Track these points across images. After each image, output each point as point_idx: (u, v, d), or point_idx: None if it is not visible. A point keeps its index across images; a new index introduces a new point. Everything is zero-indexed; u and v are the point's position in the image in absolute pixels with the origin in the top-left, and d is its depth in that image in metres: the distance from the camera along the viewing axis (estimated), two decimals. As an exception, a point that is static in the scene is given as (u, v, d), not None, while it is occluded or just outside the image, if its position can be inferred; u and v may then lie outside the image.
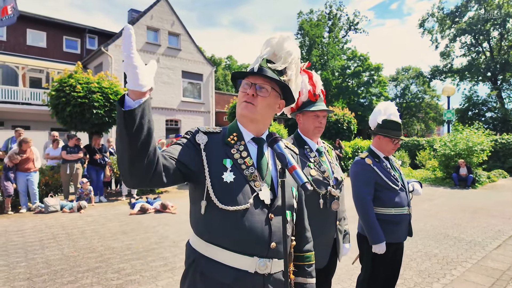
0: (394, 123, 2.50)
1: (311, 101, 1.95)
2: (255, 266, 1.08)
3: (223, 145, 1.17)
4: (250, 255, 1.09)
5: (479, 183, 11.40)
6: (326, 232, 1.83)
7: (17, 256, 4.34)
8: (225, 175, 1.11)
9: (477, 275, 3.75)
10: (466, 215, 6.86)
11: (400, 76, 43.25)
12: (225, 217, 1.08)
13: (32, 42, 20.89)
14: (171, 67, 20.48)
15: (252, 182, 1.13)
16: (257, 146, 1.22)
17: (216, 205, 1.08)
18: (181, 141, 1.17)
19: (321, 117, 1.96)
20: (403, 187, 2.55)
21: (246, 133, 1.22)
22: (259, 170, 1.17)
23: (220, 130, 1.22)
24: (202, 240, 1.13)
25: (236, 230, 1.08)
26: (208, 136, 1.18)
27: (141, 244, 4.87)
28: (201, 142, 1.15)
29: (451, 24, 31.68)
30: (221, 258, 1.09)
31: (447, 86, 14.81)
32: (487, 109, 30.58)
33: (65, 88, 8.17)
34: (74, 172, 7.96)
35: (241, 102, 1.20)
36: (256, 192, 1.12)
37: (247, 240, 1.08)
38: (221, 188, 1.10)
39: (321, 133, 1.96)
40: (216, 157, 1.14)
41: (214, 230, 1.10)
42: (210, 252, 1.10)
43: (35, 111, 17.32)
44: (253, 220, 1.09)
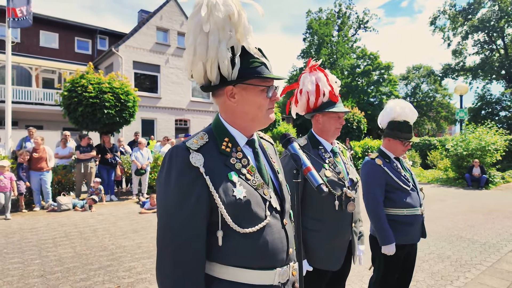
0: (403, 125, 2.45)
1: (332, 102, 1.92)
2: (278, 278, 1.05)
3: (219, 155, 1.04)
4: (272, 268, 1.04)
5: (492, 184, 11.16)
6: (341, 235, 1.81)
7: (31, 253, 4.43)
8: (236, 192, 1.00)
9: (492, 278, 3.67)
10: (479, 216, 6.72)
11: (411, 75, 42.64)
12: (246, 238, 1.01)
13: (45, 43, 21.30)
14: (181, 67, 20.60)
15: (260, 190, 1.05)
16: (252, 149, 1.13)
17: (236, 230, 0.99)
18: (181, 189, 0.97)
19: (341, 118, 1.94)
20: (414, 187, 2.51)
21: (240, 137, 1.10)
22: (261, 176, 1.09)
23: (207, 139, 1.05)
24: (219, 265, 1.02)
25: (259, 247, 1.02)
26: (201, 152, 1.00)
27: (151, 243, 4.91)
28: (199, 165, 0.97)
29: (464, 22, 31.07)
30: (245, 278, 1.01)
31: (460, 85, 14.53)
32: (501, 108, 29.89)
33: (77, 89, 8.31)
34: (89, 171, 8.09)
35: (266, 109, 1.09)
36: (268, 201, 1.06)
37: (270, 254, 1.03)
38: (235, 209, 0.99)
39: (339, 134, 1.94)
40: (219, 175, 1.00)
41: (234, 253, 1.01)
42: (230, 274, 1.01)
43: (47, 111, 17.66)
44: (272, 232, 1.05)
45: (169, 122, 20.19)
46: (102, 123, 8.60)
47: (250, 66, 1.04)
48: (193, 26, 1.04)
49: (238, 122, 1.10)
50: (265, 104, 1.08)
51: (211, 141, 1.06)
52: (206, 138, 1.05)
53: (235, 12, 1.02)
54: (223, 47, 1.01)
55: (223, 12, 1.00)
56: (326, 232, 1.76)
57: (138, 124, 17.65)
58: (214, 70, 1.04)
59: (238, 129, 1.10)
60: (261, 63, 1.05)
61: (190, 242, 0.95)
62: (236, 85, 1.05)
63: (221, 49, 1.01)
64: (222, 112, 1.13)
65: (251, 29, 1.07)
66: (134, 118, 9.46)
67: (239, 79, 1.03)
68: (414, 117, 2.55)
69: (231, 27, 1.02)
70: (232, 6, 1.02)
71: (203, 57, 1.03)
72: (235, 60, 1.02)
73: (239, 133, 1.10)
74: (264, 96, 1.07)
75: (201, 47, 1.03)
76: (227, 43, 1.02)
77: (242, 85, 1.05)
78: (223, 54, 1.01)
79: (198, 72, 1.06)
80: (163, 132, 18.87)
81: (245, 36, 1.05)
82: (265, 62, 1.07)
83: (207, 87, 1.09)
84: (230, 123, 1.11)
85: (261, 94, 1.06)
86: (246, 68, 1.03)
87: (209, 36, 1.02)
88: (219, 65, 1.03)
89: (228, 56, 1.01)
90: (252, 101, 1.07)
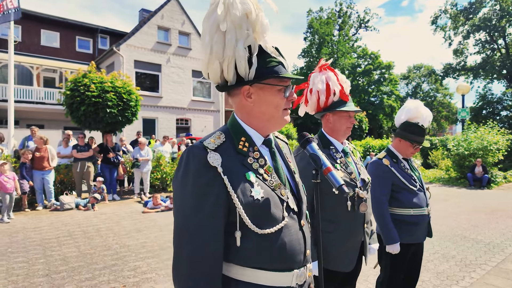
0: (417, 128, 2.44)
1: (342, 101, 1.91)
2: (295, 279, 1.04)
3: (237, 155, 1.03)
4: (289, 270, 1.04)
5: (494, 183, 11.15)
6: (354, 235, 1.80)
7: (36, 252, 4.43)
8: (253, 193, 0.99)
9: (498, 278, 3.67)
10: (482, 216, 6.72)
11: (412, 74, 42.62)
12: (264, 239, 1.00)
13: (46, 42, 21.29)
14: (182, 66, 20.60)
15: (278, 191, 1.04)
16: (268, 149, 1.12)
17: (255, 231, 0.98)
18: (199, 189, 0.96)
19: (352, 117, 1.93)
20: (421, 188, 2.51)
21: (257, 137, 1.09)
22: (278, 176, 1.08)
23: (224, 138, 1.04)
24: (236, 266, 1.01)
25: (277, 249, 1.01)
26: (219, 152, 0.99)
27: (155, 242, 4.91)
28: (217, 164, 0.96)
29: (465, 21, 31.02)
30: (262, 280, 1.00)
31: (462, 84, 14.51)
32: (502, 108, 29.85)
33: (79, 88, 8.31)
34: (86, 170, 8.08)
35: (282, 109, 1.07)
36: (285, 202, 1.05)
37: (288, 256, 1.03)
38: (253, 209, 0.98)
39: (350, 133, 1.93)
40: (237, 175, 0.99)
41: (252, 254, 1.00)
42: (247, 276, 1.00)
43: (49, 110, 17.66)
44: (290, 233, 1.04)
45: (170, 121, 20.18)
46: (105, 122, 8.60)
47: (267, 65, 1.02)
48: (209, 25, 1.03)
49: (254, 122, 1.09)
50: (282, 104, 1.06)
51: (228, 141, 1.04)
52: (223, 138, 1.04)
53: (252, 10, 1.00)
54: (240, 46, 1.00)
55: (240, 10, 0.98)
56: (339, 233, 1.75)
57: (139, 124, 17.63)
58: (231, 70, 1.02)
59: (254, 128, 1.09)
60: (278, 63, 1.03)
61: (207, 243, 0.94)
62: (253, 85, 1.03)
63: (238, 48, 0.99)
64: (238, 112, 1.11)
65: (268, 27, 1.05)
66: (136, 117, 9.46)
67: (256, 78, 1.01)
68: (428, 122, 2.54)
69: (248, 25, 1.00)
70: (249, 4, 1.00)
71: (220, 56, 1.01)
72: (252, 59, 1.01)
73: (255, 133, 1.09)
74: (281, 96, 1.05)
75: (217, 46, 1.01)
76: (244, 42, 1.00)
77: (259, 85, 1.03)
78: (240, 53, 0.99)
79: (214, 71, 1.04)
80: (164, 132, 18.86)
81: (263, 34, 1.03)
82: (282, 61, 1.05)
83: (223, 86, 1.08)
84: (246, 123, 1.09)
85: (278, 94, 1.05)
86: (263, 67, 1.01)
87: (226, 35, 1.00)
88: (236, 64, 1.01)
89: (245, 56, 1.00)
90: (269, 101, 1.05)
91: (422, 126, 2.45)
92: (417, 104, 2.52)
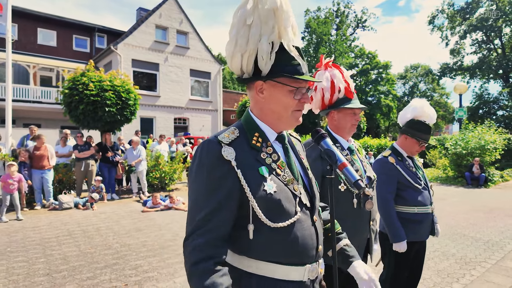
0: (424, 126, 2.45)
1: (347, 98, 1.91)
2: (308, 274, 1.05)
3: (250, 150, 1.04)
4: (302, 264, 1.05)
5: (492, 182, 11.23)
6: (360, 233, 1.80)
7: (36, 252, 4.40)
8: (266, 187, 1.00)
9: (497, 275, 3.70)
10: (481, 214, 6.76)
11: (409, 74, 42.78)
12: (277, 233, 1.01)
13: (43, 41, 21.17)
14: (180, 65, 20.55)
15: (291, 186, 1.05)
16: (281, 145, 1.13)
17: (267, 224, 0.99)
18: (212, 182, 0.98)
19: (357, 114, 1.93)
20: (426, 186, 2.52)
21: (270, 133, 1.10)
22: (291, 171, 1.09)
23: (238, 133, 1.06)
24: (249, 259, 1.02)
25: (289, 243, 1.02)
26: (233, 146, 1.01)
27: (156, 241, 4.90)
28: (231, 158, 0.98)
29: (462, 21, 31.20)
30: (275, 274, 1.01)
31: (460, 84, 14.58)
32: (499, 107, 30.06)
33: (78, 87, 8.26)
34: (89, 169, 8.05)
35: (293, 111, 1.07)
36: (298, 197, 1.06)
37: (300, 250, 1.04)
38: (266, 203, 0.99)
39: (355, 130, 1.93)
40: (250, 169, 1.01)
41: (264, 248, 1.01)
42: (261, 269, 1.01)
43: (46, 109, 17.56)
44: (303, 228, 1.04)
45: (168, 120, 20.14)
46: (104, 121, 8.56)
47: (284, 64, 1.02)
48: (237, 19, 1.04)
49: (266, 118, 1.10)
50: (291, 105, 1.06)
51: (242, 136, 1.06)
52: (237, 133, 1.06)
53: (279, 7, 1.00)
54: (263, 40, 1.01)
55: (268, 5, 1.00)
56: (345, 231, 1.75)
57: (137, 123, 17.58)
58: (251, 63, 1.04)
59: (267, 124, 1.10)
60: (296, 64, 1.03)
61: (216, 229, 0.96)
62: (267, 81, 1.04)
63: (262, 42, 1.01)
64: (253, 107, 1.13)
65: (295, 26, 1.06)
66: (135, 116, 9.43)
67: (270, 75, 1.02)
68: (433, 121, 2.55)
69: (274, 22, 1.01)
70: (277, 1, 1.00)
71: (243, 49, 1.03)
72: (270, 55, 1.01)
73: (269, 129, 1.10)
74: (292, 96, 1.04)
75: (242, 39, 1.03)
76: (268, 37, 1.01)
77: (272, 82, 1.04)
78: (263, 47, 1.00)
79: (236, 63, 1.06)
80: (162, 131, 18.81)
81: (287, 33, 1.03)
82: (301, 62, 1.04)
83: (240, 79, 1.10)
84: (259, 118, 1.11)
85: (289, 94, 1.04)
86: (279, 65, 1.02)
87: (251, 28, 1.02)
88: (257, 58, 1.02)
89: (268, 50, 1.00)
90: (279, 99, 1.05)
91: (428, 124, 2.46)
92: (423, 103, 2.52)
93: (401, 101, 40.63)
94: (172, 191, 9.49)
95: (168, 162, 9.54)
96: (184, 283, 3.44)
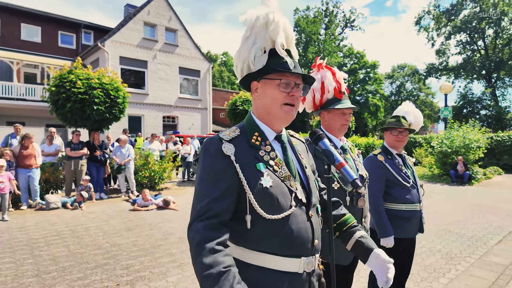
0: (394, 117, 2.62)
1: (337, 99, 1.96)
2: (303, 266, 1.10)
3: (250, 148, 1.13)
4: (297, 256, 1.10)
5: (475, 180, 11.56)
6: None
7: (23, 253, 4.32)
8: (263, 181, 1.07)
9: (481, 270, 3.83)
10: (465, 211, 6.97)
11: (396, 73, 43.49)
12: (272, 225, 1.07)
13: (27, 37, 20.62)
14: (168, 63, 20.35)
15: (287, 182, 1.12)
16: (280, 144, 1.20)
17: (263, 216, 1.06)
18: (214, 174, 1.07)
19: (347, 114, 1.97)
20: (414, 184, 2.60)
21: (269, 132, 1.19)
22: (289, 169, 1.15)
23: (239, 132, 1.16)
24: (246, 249, 1.09)
25: (284, 235, 1.07)
26: (233, 143, 1.11)
27: (147, 240, 4.87)
28: (230, 154, 1.08)
29: (447, 22, 31.90)
30: (271, 264, 1.07)
31: (445, 84, 14.93)
32: (482, 107, 30.93)
33: (65, 84, 8.08)
34: (79, 168, 7.92)
35: (282, 104, 1.14)
36: (294, 192, 1.12)
37: (295, 243, 1.09)
38: (262, 196, 1.07)
39: (346, 130, 1.98)
40: (249, 164, 1.09)
41: (261, 239, 1.07)
42: (257, 259, 1.08)
43: (30, 107, 17.13)
44: (298, 221, 1.10)
45: (157, 119, 19.94)
46: (92, 119, 8.40)
47: (274, 64, 1.14)
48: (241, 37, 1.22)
49: (262, 116, 1.19)
50: (279, 98, 1.14)
51: (243, 135, 1.16)
52: (238, 132, 1.16)
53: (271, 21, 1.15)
54: (254, 47, 1.16)
55: (262, 20, 1.15)
56: None
57: (125, 121, 17.34)
58: (246, 68, 1.20)
59: (266, 124, 1.19)
60: (284, 62, 1.14)
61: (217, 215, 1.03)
62: (260, 80, 1.17)
63: (252, 48, 1.16)
64: (253, 108, 1.24)
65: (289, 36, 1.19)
66: (124, 114, 9.30)
67: (262, 74, 1.14)
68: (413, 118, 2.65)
69: (266, 32, 1.15)
70: (270, 16, 1.14)
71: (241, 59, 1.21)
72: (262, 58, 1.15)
73: (268, 129, 1.19)
74: (278, 89, 1.13)
75: (243, 51, 1.20)
76: (259, 44, 1.16)
77: (264, 80, 1.16)
78: (252, 51, 1.16)
79: (238, 71, 1.23)
80: (150, 129, 18.62)
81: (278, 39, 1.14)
82: (288, 61, 1.14)
83: (241, 82, 1.23)
84: (259, 119, 1.20)
85: (276, 88, 1.14)
86: (270, 65, 1.14)
87: (247, 40, 1.18)
88: (248, 61, 1.17)
89: (256, 54, 1.15)
90: (268, 93, 1.15)
91: (399, 116, 2.60)
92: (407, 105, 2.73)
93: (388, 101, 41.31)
94: (162, 190, 9.44)
95: (157, 161, 9.46)
96: (176, 282, 3.45)
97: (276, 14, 1.15)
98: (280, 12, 1.17)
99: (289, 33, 1.19)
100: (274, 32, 1.14)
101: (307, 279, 1.12)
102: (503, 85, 30.83)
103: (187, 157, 11.53)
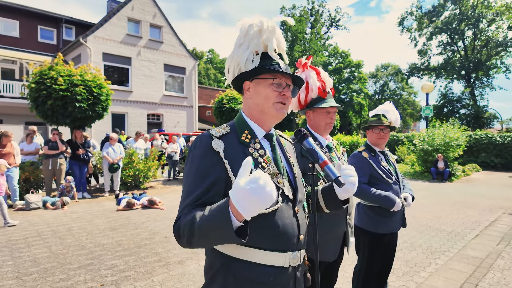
0: (374, 115, 2.73)
1: (321, 98, 2.00)
2: (289, 260, 1.13)
3: (239, 145, 1.16)
4: (283, 251, 1.12)
5: (455, 177, 11.94)
6: (337, 227, 1.90)
7: (2, 254, 4.19)
8: None
9: (460, 263, 3.98)
10: (445, 207, 7.20)
11: (380, 73, 44.29)
12: (258, 219, 1.07)
13: (4, 31, 19.88)
14: (153, 60, 20.07)
15: (275, 179, 1.14)
16: (269, 142, 1.24)
17: None
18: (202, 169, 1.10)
19: (332, 113, 2.01)
20: (396, 181, 2.67)
21: (258, 131, 1.22)
22: (277, 166, 1.19)
23: (229, 129, 1.20)
24: (234, 244, 1.10)
25: (270, 229, 1.10)
26: (223, 140, 1.14)
27: (131, 240, 4.81)
28: (220, 150, 1.11)
29: (429, 23, 32.71)
30: (258, 258, 1.09)
31: (426, 84, 15.33)
32: (461, 106, 31.92)
33: (45, 81, 7.84)
34: (58, 167, 7.71)
35: (274, 103, 1.18)
36: (281, 189, 1.15)
37: (281, 237, 1.11)
38: None
39: (331, 128, 2.02)
40: (237, 160, 1.10)
41: None
42: (244, 254, 1.10)
43: (8, 104, 16.52)
44: (284, 216, 1.12)
45: (141, 116, 19.64)
46: (74, 117, 8.20)
47: (266, 65, 1.19)
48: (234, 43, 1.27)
49: (253, 114, 1.23)
50: (272, 96, 1.18)
51: (233, 132, 1.19)
52: (228, 129, 1.20)
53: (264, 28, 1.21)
54: (246, 52, 1.21)
55: (256, 28, 1.21)
56: (323, 225, 1.84)
57: (108, 119, 17.00)
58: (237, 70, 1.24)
59: (256, 123, 1.23)
60: (275, 63, 1.19)
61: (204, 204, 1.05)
62: (252, 80, 1.21)
63: (247, 52, 1.21)
64: (244, 107, 1.28)
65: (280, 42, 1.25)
66: (107, 112, 9.12)
67: (254, 74, 1.19)
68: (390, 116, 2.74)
69: (259, 38, 1.21)
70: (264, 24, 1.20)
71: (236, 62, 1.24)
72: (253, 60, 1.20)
73: (257, 127, 1.23)
74: (271, 88, 1.18)
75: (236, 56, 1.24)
76: (252, 48, 1.21)
77: (256, 80, 1.20)
78: (244, 55, 1.21)
79: (230, 74, 1.27)
80: (134, 127, 18.33)
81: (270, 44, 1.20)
82: (280, 63, 1.20)
83: (233, 83, 1.27)
84: (249, 117, 1.24)
85: (269, 87, 1.18)
86: (262, 67, 1.18)
87: (241, 46, 1.23)
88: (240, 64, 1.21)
89: (249, 57, 1.20)
90: (260, 92, 1.19)
91: (379, 114, 2.69)
92: (383, 104, 2.84)
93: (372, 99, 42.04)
94: (147, 189, 9.32)
95: (142, 160, 9.33)
96: (162, 282, 3.43)
97: (270, 22, 1.21)
98: (273, 21, 1.23)
99: (281, 41, 1.24)
100: (267, 39, 1.20)
101: (293, 274, 1.15)
102: (481, 85, 31.91)
103: (174, 156, 11.42)
